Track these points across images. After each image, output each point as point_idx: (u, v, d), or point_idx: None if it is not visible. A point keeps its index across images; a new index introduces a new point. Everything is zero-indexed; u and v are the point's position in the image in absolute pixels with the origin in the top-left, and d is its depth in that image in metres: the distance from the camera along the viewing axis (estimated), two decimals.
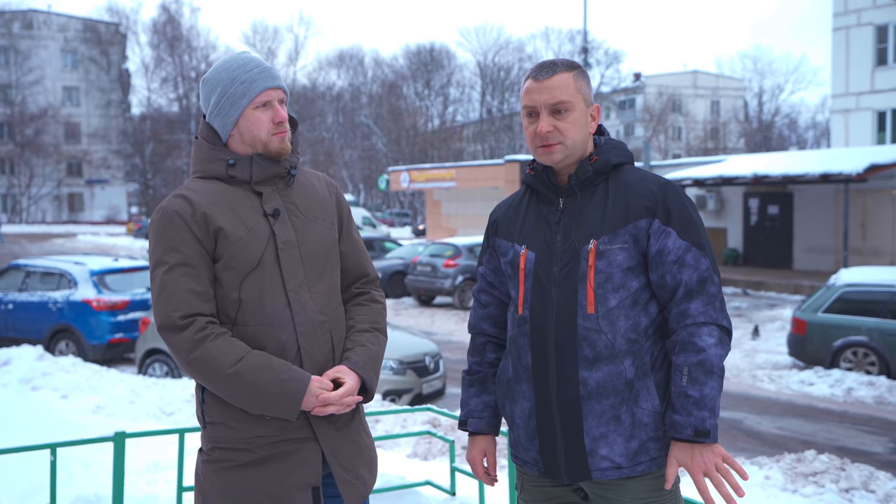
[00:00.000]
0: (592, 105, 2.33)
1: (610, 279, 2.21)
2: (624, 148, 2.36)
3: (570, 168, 2.31)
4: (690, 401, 2.12)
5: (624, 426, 2.18)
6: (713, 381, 2.14)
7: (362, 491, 2.32)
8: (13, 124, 64.42)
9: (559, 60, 2.33)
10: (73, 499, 4.59)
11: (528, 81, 2.30)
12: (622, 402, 2.18)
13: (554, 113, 2.26)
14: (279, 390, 2.13)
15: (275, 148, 2.30)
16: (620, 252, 2.21)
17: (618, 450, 2.19)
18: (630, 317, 2.21)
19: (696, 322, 2.18)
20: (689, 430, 2.11)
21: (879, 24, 29.08)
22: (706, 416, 2.11)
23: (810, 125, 76.90)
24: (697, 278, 2.19)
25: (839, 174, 18.77)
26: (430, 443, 7.02)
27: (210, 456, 2.26)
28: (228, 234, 2.21)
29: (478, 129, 70.35)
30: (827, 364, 11.26)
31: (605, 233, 2.22)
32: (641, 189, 2.25)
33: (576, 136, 2.27)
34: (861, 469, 6.54)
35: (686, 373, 2.14)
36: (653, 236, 2.21)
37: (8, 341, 12.08)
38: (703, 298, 2.19)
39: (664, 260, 2.21)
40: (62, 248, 37.96)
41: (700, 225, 2.26)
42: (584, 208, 2.28)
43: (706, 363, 2.14)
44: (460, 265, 19.21)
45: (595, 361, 2.18)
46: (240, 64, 2.31)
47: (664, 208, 2.22)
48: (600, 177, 2.30)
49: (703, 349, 2.15)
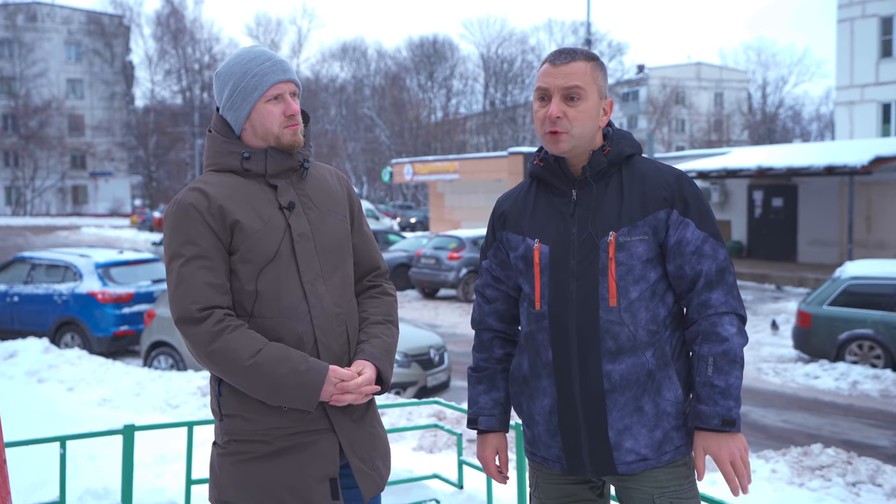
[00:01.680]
0: (606, 99, 2.31)
1: (631, 271, 2.20)
2: (632, 138, 2.34)
3: (581, 159, 2.28)
4: (717, 391, 2.13)
5: (647, 417, 2.18)
6: (737, 371, 2.15)
7: (378, 482, 2.33)
8: (17, 116, 64.40)
9: (579, 49, 2.30)
10: (82, 492, 4.60)
11: (545, 65, 2.26)
12: (644, 392, 2.18)
13: (566, 99, 2.23)
14: (298, 381, 2.14)
15: (287, 141, 2.30)
16: (640, 244, 2.20)
17: (643, 441, 2.19)
18: (650, 308, 2.21)
19: (718, 312, 2.18)
20: (716, 419, 2.12)
21: (884, 15, 28.98)
22: (732, 405, 2.13)
23: (814, 117, 76.69)
24: (717, 268, 2.20)
25: (844, 166, 18.72)
26: (436, 435, 7.03)
27: (226, 448, 2.26)
28: (245, 226, 2.22)
29: (481, 122, 70.26)
30: (832, 357, 11.25)
31: (624, 224, 2.20)
32: (658, 180, 2.24)
33: (584, 127, 2.24)
34: (868, 463, 6.53)
35: (711, 363, 2.14)
36: (671, 227, 2.21)
37: (14, 334, 12.10)
38: (723, 288, 2.20)
39: (683, 251, 2.20)
40: (66, 240, 38.00)
41: (713, 215, 2.27)
42: (599, 200, 2.25)
43: (730, 353, 2.15)
44: (464, 257, 19.20)
45: (618, 354, 2.17)
46: (251, 57, 2.31)
47: (682, 199, 2.22)
48: (613, 168, 2.28)
49: (726, 339, 2.15)
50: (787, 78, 74.75)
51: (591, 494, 2.34)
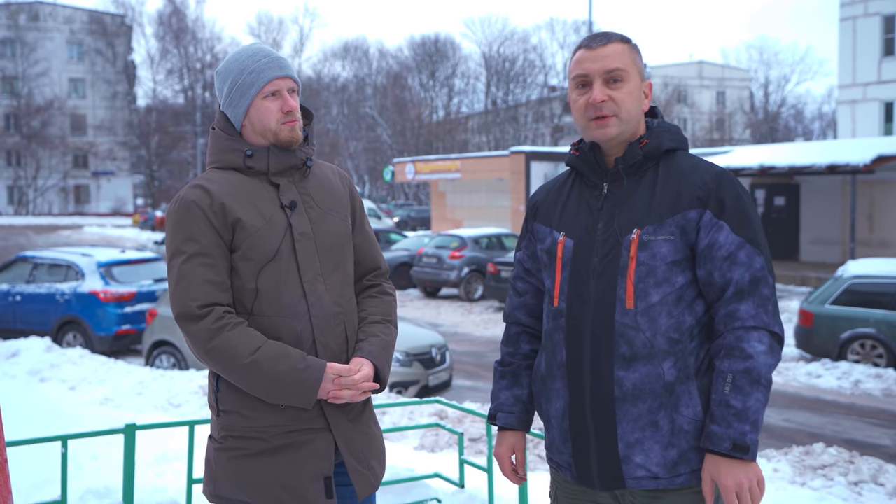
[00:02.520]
0: (646, 81, 2.19)
1: (652, 273, 2.04)
2: (678, 132, 2.19)
3: (618, 150, 2.14)
4: (731, 411, 1.95)
5: (662, 433, 2.02)
6: (758, 393, 1.96)
7: (373, 482, 2.34)
8: (19, 116, 64.47)
9: (612, 32, 2.18)
10: (84, 491, 4.60)
11: (580, 51, 2.15)
12: (661, 406, 2.02)
13: (608, 82, 2.11)
14: (296, 379, 2.14)
15: (285, 137, 2.30)
16: (665, 244, 2.04)
17: (654, 458, 2.03)
18: (673, 315, 2.04)
19: (746, 326, 2.00)
20: (726, 443, 1.94)
21: (886, 14, 28.95)
22: (747, 429, 1.94)
23: (817, 116, 76.69)
24: (750, 278, 2.02)
25: (846, 165, 18.70)
26: (437, 435, 7.03)
27: (223, 444, 2.28)
28: (246, 225, 2.22)
29: (483, 121, 70.23)
30: (834, 356, 11.24)
31: (651, 222, 2.05)
32: (694, 177, 2.08)
33: (631, 109, 2.11)
34: (870, 462, 6.53)
35: (730, 380, 1.97)
36: (703, 229, 2.04)
37: (16, 333, 12.11)
38: (755, 300, 2.01)
39: (714, 255, 2.03)
40: (69, 239, 38.04)
41: (757, 220, 2.07)
42: (629, 194, 2.11)
43: (753, 372, 1.96)
44: (466, 257, 19.20)
45: (632, 361, 2.03)
46: (249, 55, 2.32)
47: (717, 199, 2.04)
48: (650, 161, 2.13)
49: (750, 356, 1.97)
50: (789, 76, 74.83)
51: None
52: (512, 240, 20.95)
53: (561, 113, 68.96)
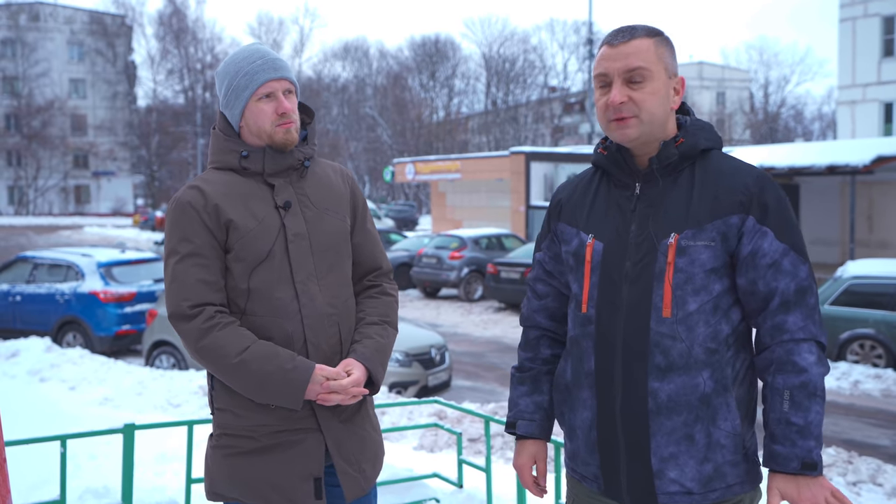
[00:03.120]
0: (676, 77, 2.05)
1: (691, 280, 1.94)
2: (712, 131, 2.07)
3: (649, 149, 2.02)
4: (794, 429, 1.86)
5: (698, 447, 1.93)
6: (817, 406, 1.88)
7: (363, 484, 2.33)
8: (20, 116, 64.50)
9: (640, 25, 2.04)
10: (83, 490, 4.61)
11: (603, 48, 2.03)
12: (697, 419, 1.92)
13: (629, 82, 1.98)
14: (283, 379, 2.15)
15: (280, 139, 2.30)
16: (705, 250, 1.93)
17: (689, 473, 1.93)
18: (710, 323, 1.94)
19: (795, 338, 1.90)
20: (795, 462, 1.85)
21: (886, 14, 28.95)
22: (812, 445, 1.86)
23: (816, 116, 76.67)
24: (796, 287, 1.92)
25: (845, 166, 18.69)
26: (437, 435, 7.04)
27: (218, 441, 2.30)
28: (239, 225, 2.24)
29: (483, 121, 70.27)
30: (833, 357, 11.25)
31: (690, 227, 1.94)
32: (735, 180, 1.96)
33: (654, 110, 1.98)
34: (868, 462, 6.54)
35: (788, 397, 1.88)
36: (746, 235, 1.93)
37: (16, 333, 12.12)
38: (803, 311, 1.91)
39: (758, 263, 1.92)
40: (69, 239, 38.04)
41: (798, 226, 1.98)
42: (665, 196, 1.99)
43: (809, 385, 1.88)
44: (466, 257, 19.21)
45: (667, 371, 1.93)
46: (245, 56, 2.33)
47: (761, 204, 1.93)
48: (686, 162, 2.01)
49: (804, 369, 1.88)
50: (789, 77, 74.85)
51: None
52: (512, 240, 20.95)
53: (561, 113, 68.99)
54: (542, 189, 27.43)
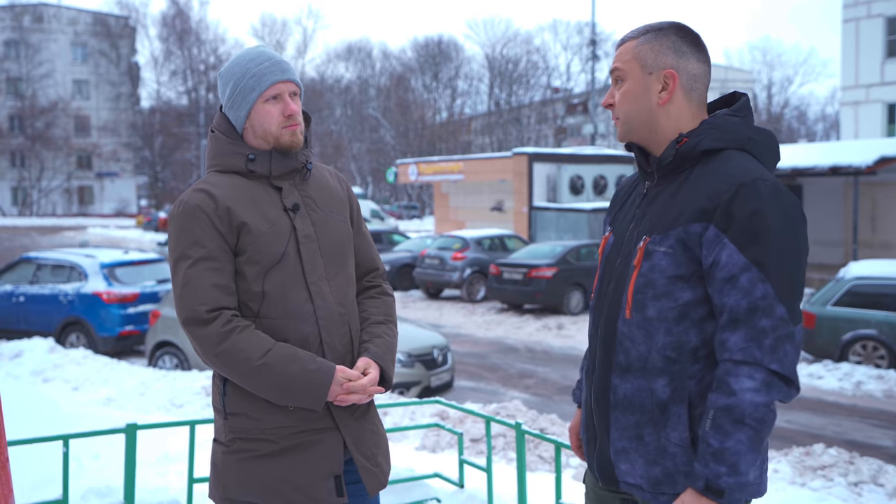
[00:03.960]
0: (661, 71, 2.01)
1: (651, 285, 1.94)
2: (732, 130, 1.99)
3: (657, 148, 2.05)
4: (709, 450, 1.82)
5: (647, 448, 1.96)
6: (740, 434, 1.79)
7: (382, 478, 2.36)
8: (24, 117, 64.62)
9: (638, 28, 2.10)
10: (85, 490, 4.62)
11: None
12: (648, 422, 1.95)
13: (615, 83, 2.08)
14: (307, 381, 2.16)
15: (286, 141, 2.31)
16: (665, 257, 1.92)
17: (638, 470, 1.98)
18: (673, 332, 1.91)
19: (734, 359, 1.83)
20: (700, 482, 1.83)
21: (890, 15, 28.91)
22: (722, 471, 1.80)
23: (820, 117, 76.65)
24: (747, 306, 1.82)
25: (848, 167, 18.68)
26: (439, 435, 7.05)
27: (231, 447, 2.28)
28: (252, 228, 2.23)
29: (486, 122, 70.26)
30: (836, 357, 11.24)
31: (658, 231, 1.95)
32: (710, 186, 1.90)
33: (627, 110, 2.03)
34: (870, 463, 6.53)
35: (711, 416, 1.83)
36: (705, 245, 1.87)
37: (19, 334, 12.16)
38: (748, 332, 1.82)
39: (714, 276, 1.86)
40: (73, 240, 38.08)
41: (779, 241, 1.83)
42: (656, 198, 2.03)
43: (735, 410, 1.80)
44: (468, 258, 19.22)
45: (626, 371, 1.98)
46: (252, 58, 2.33)
47: (726, 213, 1.85)
48: (687, 163, 1.98)
49: (733, 393, 1.80)
50: (792, 78, 74.72)
51: None
52: (514, 241, 20.96)
53: (564, 114, 68.95)
54: (545, 190, 27.43)
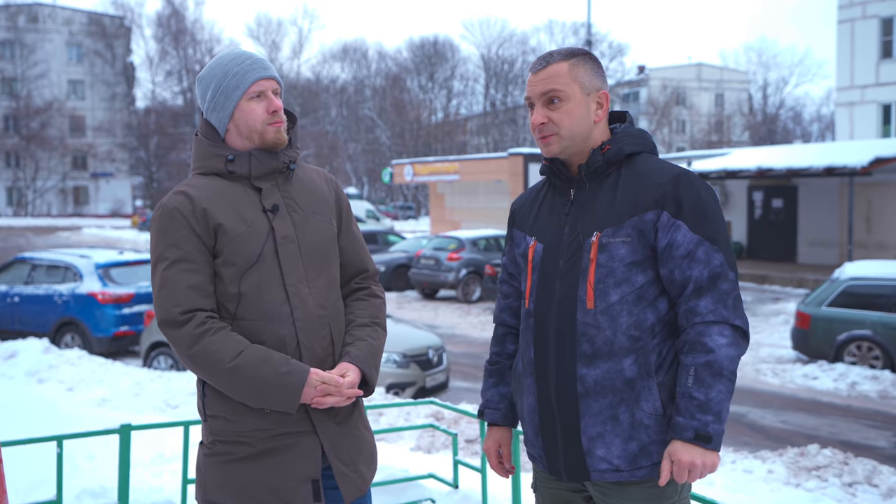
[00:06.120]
0: (597, 92, 2.23)
1: (612, 273, 2.13)
2: (642, 137, 2.25)
3: (580, 158, 2.23)
4: (694, 403, 2.03)
5: (622, 427, 2.11)
6: (720, 385, 2.04)
7: (360, 485, 2.33)
8: (18, 117, 64.47)
9: (559, 50, 2.26)
10: (79, 491, 4.62)
11: (529, 75, 2.26)
12: (621, 401, 2.10)
13: (548, 104, 2.20)
14: (279, 383, 2.15)
15: (271, 138, 2.30)
16: (623, 246, 2.13)
17: (615, 451, 2.12)
18: (633, 313, 2.12)
19: (706, 321, 2.07)
20: (689, 432, 2.02)
21: (885, 16, 28.98)
22: (710, 419, 2.02)
23: (815, 118, 76.77)
24: (709, 274, 2.09)
25: (844, 167, 18.72)
26: (434, 436, 7.05)
27: (211, 449, 2.28)
28: (228, 229, 2.23)
29: (481, 122, 70.27)
30: (831, 358, 11.26)
31: (610, 225, 2.14)
32: (651, 181, 2.15)
33: (572, 127, 2.19)
34: (864, 463, 6.55)
35: (692, 373, 2.04)
36: (661, 230, 2.12)
37: (14, 334, 12.12)
38: (714, 295, 2.08)
39: (673, 255, 2.11)
40: (67, 241, 38.01)
41: (716, 218, 2.14)
42: (592, 199, 2.20)
43: (714, 364, 2.04)
44: (464, 258, 19.22)
45: (593, 358, 2.12)
46: (231, 58, 2.33)
47: (674, 200, 2.12)
48: (612, 167, 2.21)
49: (711, 350, 2.05)
50: (787, 79, 74.92)
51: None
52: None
53: None
54: None
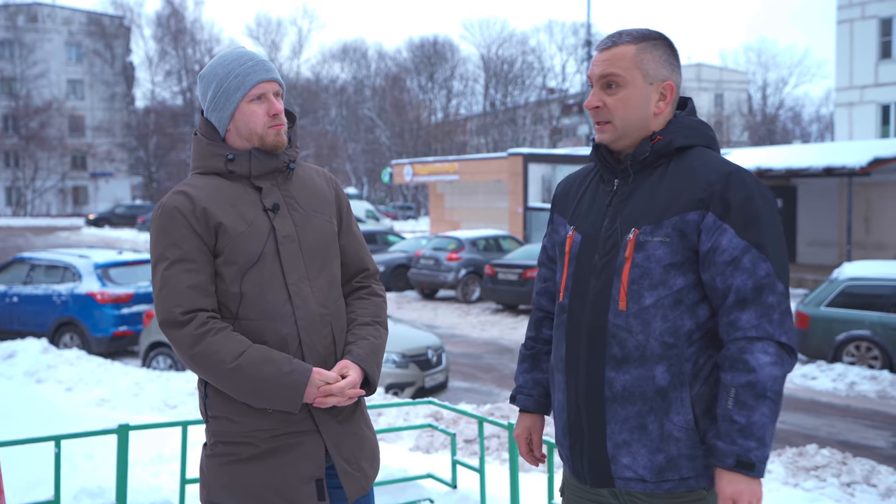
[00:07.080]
0: (662, 82, 2.06)
1: (647, 274, 1.98)
2: (699, 129, 2.08)
3: (630, 146, 2.08)
4: (735, 427, 1.89)
5: (650, 437, 1.98)
6: (764, 407, 1.89)
7: (363, 483, 2.33)
8: (18, 117, 64.41)
9: (630, 30, 2.09)
10: (77, 491, 4.62)
11: (595, 52, 2.11)
12: (651, 410, 1.98)
13: (605, 87, 2.06)
14: (281, 383, 2.14)
15: (271, 141, 2.30)
16: (661, 246, 1.98)
17: (641, 461, 1.99)
18: (669, 318, 1.98)
19: (748, 336, 1.91)
20: (730, 459, 1.89)
21: (884, 16, 28.99)
22: (752, 445, 1.88)
23: (814, 118, 76.77)
24: (753, 285, 1.92)
25: (843, 168, 18.73)
26: (432, 436, 7.05)
27: (213, 450, 2.28)
28: (229, 229, 2.23)
29: (481, 123, 70.29)
30: (829, 358, 11.26)
31: (649, 222, 1.99)
32: (699, 177, 1.98)
33: (627, 116, 2.04)
34: (863, 463, 6.55)
35: (733, 395, 1.90)
36: (704, 232, 1.95)
37: (13, 334, 12.11)
38: (758, 309, 1.91)
39: (716, 260, 1.94)
40: (67, 241, 38.00)
41: (769, 223, 1.96)
42: (634, 192, 2.05)
43: (757, 385, 1.89)
44: (463, 258, 19.22)
45: (623, 362, 1.99)
46: (234, 58, 2.32)
47: (722, 200, 1.94)
48: (661, 159, 2.05)
49: (753, 369, 1.89)
50: (787, 79, 74.90)
51: None
52: (509, 242, 20.98)
53: (559, 115, 69.02)
54: (540, 190, 27.45)
